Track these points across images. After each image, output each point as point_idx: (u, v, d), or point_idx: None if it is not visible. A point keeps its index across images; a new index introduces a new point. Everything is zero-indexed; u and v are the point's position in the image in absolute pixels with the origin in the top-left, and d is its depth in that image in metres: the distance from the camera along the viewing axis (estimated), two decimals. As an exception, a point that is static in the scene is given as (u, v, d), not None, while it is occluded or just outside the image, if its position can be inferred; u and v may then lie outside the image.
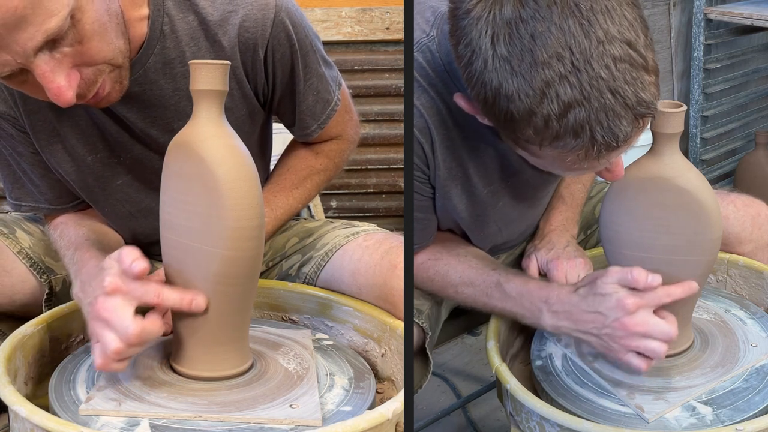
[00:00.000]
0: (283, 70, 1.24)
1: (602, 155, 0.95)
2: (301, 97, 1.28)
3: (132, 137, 1.21)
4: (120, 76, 1.08)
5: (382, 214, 2.52)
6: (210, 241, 1.02)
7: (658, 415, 1.06)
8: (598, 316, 1.07)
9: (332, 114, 1.33)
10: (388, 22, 2.38)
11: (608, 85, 0.90)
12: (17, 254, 1.27)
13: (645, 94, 0.92)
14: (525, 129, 0.94)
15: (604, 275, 1.08)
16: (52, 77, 0.98)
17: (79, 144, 1.21)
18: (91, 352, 1.10)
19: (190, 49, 1.18)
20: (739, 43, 2.83)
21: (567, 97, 0.90)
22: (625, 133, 0.92)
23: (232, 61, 1.18)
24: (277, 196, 1.34)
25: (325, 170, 1.39)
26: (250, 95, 1.24)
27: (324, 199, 2.44)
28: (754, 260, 1.34)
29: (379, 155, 2.47)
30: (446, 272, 1.24)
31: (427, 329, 1.23)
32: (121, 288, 1.00)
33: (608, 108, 0.90)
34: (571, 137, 0.92)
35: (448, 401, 1.99)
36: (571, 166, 0.99)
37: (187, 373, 1.08)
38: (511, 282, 1.18)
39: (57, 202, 1.30)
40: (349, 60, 2.39)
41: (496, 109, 0.95)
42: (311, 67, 1.27)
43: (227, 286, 1.04)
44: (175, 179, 1.04)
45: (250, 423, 0.99)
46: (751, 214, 1.34)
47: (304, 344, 1.19)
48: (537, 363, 1.19)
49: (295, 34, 1.22)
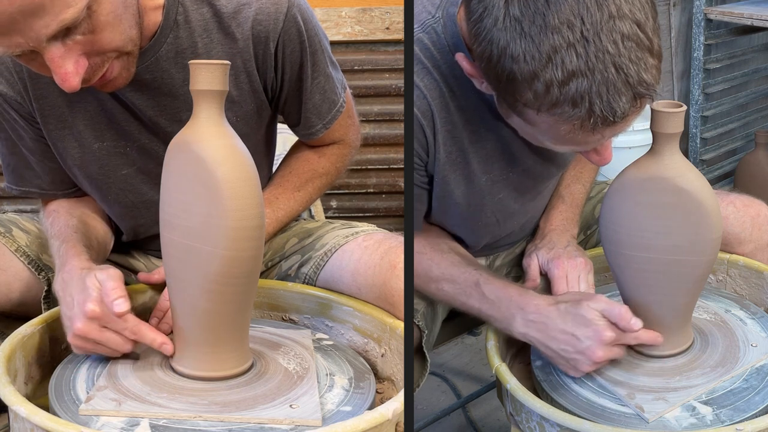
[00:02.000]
0: (292, 66, 1.25)
1: (597, 129, 0.95)
2: (308, 95, 1.29)
3: (140, 125, 1.22)
4: (128, 62, 1.10)
5: (382, 214, 2.52)
6: (210, 241, 1.02)
7: (658, 415, 1.06)
8: (572, 338, 1.09)
9: (337, 115, 1.34)
10: (388, 22, 2.38)
11: (613, 60, 0.91)
12: (14, 252, 1.27)
13: (647, 75, 0.93)
14: (525, 92, 0.95)
15: (590, 300, 1.10)
16: (60, 63, 1.00)
17: (87, 130, 1.22)
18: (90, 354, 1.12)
19: (203, 40, 1.19)
20: (739, 43, 2.83)
21: (572, 65, 0.91)
22: (623, 109, 0.93)
23: (244, 54, 1.20)
24: (279, 197, 1.34)
25: (327, 174, 1.39)
26: (259, 90, 1.25)
27: (324, 199, 2.44)
28: (754, 260, 1.34)
29: (379, 155, 2.47)
30: (429, 267, 1.24)
31: (423, 328, 1.23)
32: (101, 318, 1.05)
33: (610, 82, 0.91)
34: (569, 106, 0.93)
35: (448, 401, 1.99)
36: (563, 137, 0.99)
37: (187, 373, 1.08)
38: (491, 284, 1.18)
39: (51, 188, 1.31)
40: (349, 60, 2.39)
41: (498, 69, 0.95)
42: (319, 66, 1.28)
43: (227, 286, 1.04)
44: (175, 179, 1.04)
45: (250, 423, 0.99)
46: (750, 214, 1.35)
47: (304, 344, 1.19)
48: (537, 363, 1.19)
49: (306, 30, 1.24)
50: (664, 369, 1.15)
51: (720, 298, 1.32)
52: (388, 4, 2.39)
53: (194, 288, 1.04)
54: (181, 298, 1.07)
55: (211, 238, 1.01)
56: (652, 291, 1.13)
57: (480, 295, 1.18)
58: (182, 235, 1.03)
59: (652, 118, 1.09)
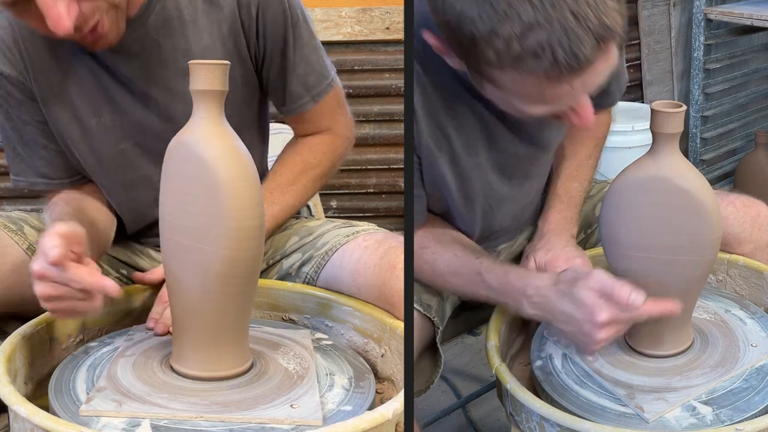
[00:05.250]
0: (274, 32, 1.28)
1: (564, 78, 0.95)
2: (291, 65, 1.31)
3: (133, 98, 1.26)
4: (117, 18, 1.15)
5: (382, 214, 2.52)
6: (210, 241, 1.02)
7: (658, 415, 1.06)
8: (572, 319, 1.08)
9: (327, 90, 1.36)
10: (388, 22, 2.38)
11: (570, 8, 0.91)
12: (26, 250, 1.28)
13: (607, 18, 0.93)
14: (488, 52, 0.95)
15: (586, 278, 1.07)
16: (52, 4, 1.05)
17: (83, 106, 1.26)
18: (89, 352, 1.12)
19: (188, 9, 1.24)
20: (739, 43, 2.84)
21: (528, 17, 0.91)
22: (585, 54, 0.93)
23: (230, 20, 1.25)
24: (273, 193, 1.35)
25: (319, 165, 1.39)
26: (245, 56, 1.28)
27: (324, 199, 2.44)
28: (755, 260, 1.34)
29: (379, 155, 2.47)
30: (434, 261, 1.24)
31: (437, 323, 1.24)
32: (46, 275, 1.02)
33: (569, 29, 0.92)
34: (532, 58, 0.93)
35: (448, 401, 1.99)
36: (534, 96, 1.00)
37: (186, 373, 1.08)
38: (492, 272, 1.18)
39: (55, 176, 1.33)
40: (349, 60, 2.39)
41: (459, 35, 0.96)
42: (303, 36, 1.31)
43: (227, 286, 1.04)
44: (175, 179, 1.04)
45: (251, 423, 0.99)
46: (750, 214, 1.34)
47: (303, 344, 1.19)
48: (537, 363, 1.19)
49: (287, 0, 1.28)
50: (665, 369, 1.15)
51: (720, 298, 1.32)
52: (388, 4, 2.39)
53: (194, 288, 1.04)
54: (182, 298, 1.07)
55: (211, 238, 1.01)
56: (652, 291, 1.13)
57: (484, 284, 1.19)
58: (182, 235, 1.03)
59: (652, 118, 1.09)
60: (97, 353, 1.15)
